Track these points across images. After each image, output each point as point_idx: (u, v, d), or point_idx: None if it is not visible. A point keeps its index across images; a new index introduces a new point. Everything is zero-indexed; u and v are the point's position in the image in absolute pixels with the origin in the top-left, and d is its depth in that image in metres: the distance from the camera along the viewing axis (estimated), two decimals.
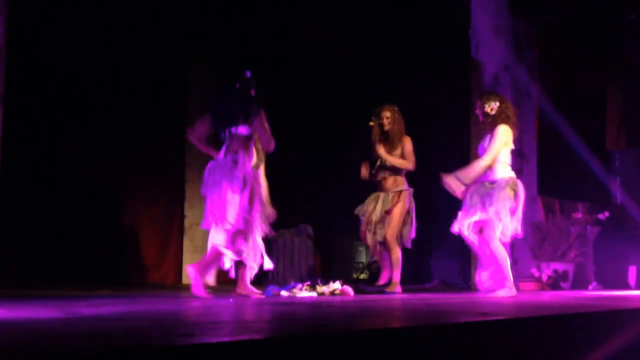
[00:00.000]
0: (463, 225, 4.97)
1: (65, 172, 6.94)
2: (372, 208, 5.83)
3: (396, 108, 5.85)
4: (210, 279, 4.83)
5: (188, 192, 7.99)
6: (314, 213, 8.31)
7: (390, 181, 5.81)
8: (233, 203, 4.56)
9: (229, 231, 4.60)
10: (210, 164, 4.80)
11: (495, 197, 4.85)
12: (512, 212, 4.87)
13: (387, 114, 5.78)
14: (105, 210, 7.31)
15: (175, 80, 7.98)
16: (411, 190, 5.84)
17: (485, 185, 4.95)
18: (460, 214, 5.03)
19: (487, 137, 5.01)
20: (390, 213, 5.72)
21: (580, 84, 8.43)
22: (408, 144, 5.80)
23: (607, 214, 7.39)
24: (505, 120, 4.95)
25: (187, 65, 8.09)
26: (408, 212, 5.79)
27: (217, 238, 4.65)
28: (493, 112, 4.95)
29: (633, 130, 8.45)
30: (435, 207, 7.25)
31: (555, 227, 7.13)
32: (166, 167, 7.94)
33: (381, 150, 5.75)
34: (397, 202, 5.73)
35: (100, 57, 7.09)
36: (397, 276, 5.69)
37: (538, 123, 7.46)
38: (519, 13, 7.05)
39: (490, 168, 4.93)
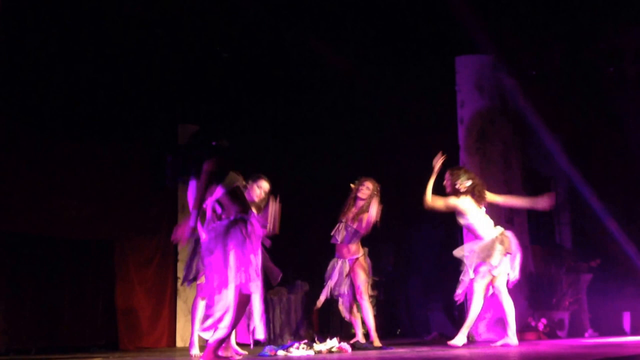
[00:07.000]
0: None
1: (56, 232, 6.87)
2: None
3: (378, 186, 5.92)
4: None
5: (181, 253, 7.85)
6: (312, 269, 8.30)
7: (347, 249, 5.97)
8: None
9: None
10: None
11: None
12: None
13: (370, 185, 5.88)
14: (97, 272, 7.24)
15: (167, 139, 8.03)
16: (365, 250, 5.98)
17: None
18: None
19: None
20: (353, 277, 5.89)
21: (564, 135, 8.59)
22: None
23: (598, 261, 7.45)
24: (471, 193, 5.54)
25: (177, 124, 8.16)
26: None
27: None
28: (463, 189, 5.55)
29: (614, 183, 8.58)
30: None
31: (548, 276, 7.18)
32: (159, 227, 7.89)
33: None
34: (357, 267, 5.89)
35: (89, 118, 7.15)
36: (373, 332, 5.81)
37: (524, 173, 7.59)
38: (502, 69, 7.26)
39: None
